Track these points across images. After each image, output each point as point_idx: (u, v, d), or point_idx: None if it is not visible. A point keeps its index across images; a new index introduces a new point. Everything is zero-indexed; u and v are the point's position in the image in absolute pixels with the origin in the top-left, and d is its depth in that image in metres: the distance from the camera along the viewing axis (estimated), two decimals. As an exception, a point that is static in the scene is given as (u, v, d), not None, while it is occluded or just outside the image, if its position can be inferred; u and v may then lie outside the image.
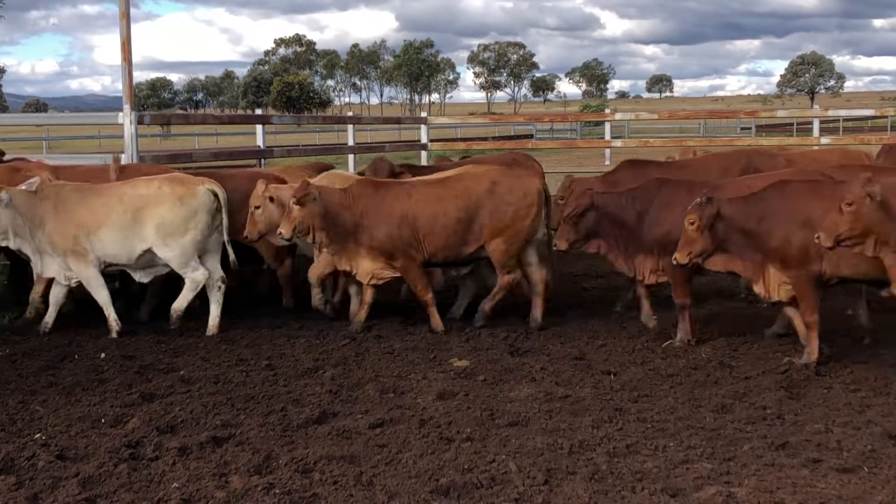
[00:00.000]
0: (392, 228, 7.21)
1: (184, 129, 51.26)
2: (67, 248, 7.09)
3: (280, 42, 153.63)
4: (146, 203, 7.12)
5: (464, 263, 7.68)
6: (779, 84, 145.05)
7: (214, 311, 7.37)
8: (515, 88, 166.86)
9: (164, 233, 7.12)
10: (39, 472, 4.37)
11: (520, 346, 6.87)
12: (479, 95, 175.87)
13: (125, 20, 9.63)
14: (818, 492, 4.10)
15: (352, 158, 14.65)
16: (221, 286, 7.41)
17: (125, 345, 6.91)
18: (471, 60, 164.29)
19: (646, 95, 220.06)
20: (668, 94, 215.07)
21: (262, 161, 12.47)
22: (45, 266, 7.25)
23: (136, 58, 10.19)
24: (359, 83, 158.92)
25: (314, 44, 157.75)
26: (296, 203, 7.03)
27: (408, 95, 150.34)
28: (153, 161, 10.75)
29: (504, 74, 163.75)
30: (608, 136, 17.43)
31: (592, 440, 4.78)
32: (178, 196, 7.15)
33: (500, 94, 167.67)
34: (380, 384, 5.89)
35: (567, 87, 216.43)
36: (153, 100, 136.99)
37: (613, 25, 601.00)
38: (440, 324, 7.34)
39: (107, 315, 7.25)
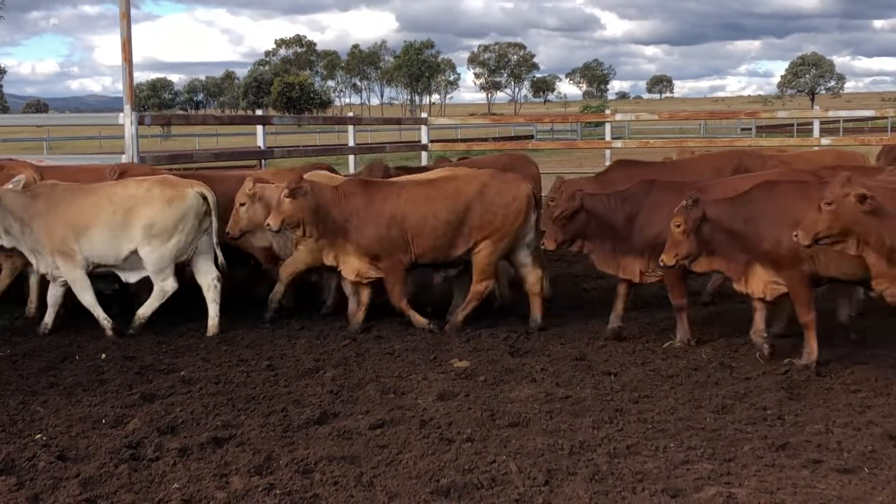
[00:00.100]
0: (380, 229, 7.22)
1: (184, 130, 51.31)
2: (55, 248, 7.09)
3: (281, 43, 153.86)
4: (135, 204, 7.11)
5: (453, 265, 7.69)
6: (779, 85, 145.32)
7: (213, 311, 7.38)
8: (516, 89, 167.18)
9: (150, 234, 7.11)
10: (40, 473, 4.37)
11: (520, 347, 6.87)
12: (480, 96, 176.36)
13: (126, 21, 9.62)
14: (818, 492, 4.11)
15: (352, 159, 14.66)
16: (217, 285, 7.41)
17: (126, 345, 6.91)
18: (471, 61, 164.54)
19: (646, 96, 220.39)
20: (669, 95, 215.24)
21: (263, 162, 12.47)
22: (40, 264, 7.26)
23: (137, 58, 10.22)
24: (359, 84, 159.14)
25: (315, 44, 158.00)
26: (287, 196, 7.04)
27: (408, 96, 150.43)
28: (153, 161, 10.75)
29: (504, 75, 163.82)
30: (608, 137, 17.39)
31: (593, 441, 4.78)
32: (168, 198, 7.14)
33: (501, 95, 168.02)
34: (380, 385, 5.89)
35: (567, 88, 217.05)
36: (154, 100, 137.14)
37: (614, 26, 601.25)
38: (423, 320, 7.33)
39: (96, 316, 7.24)
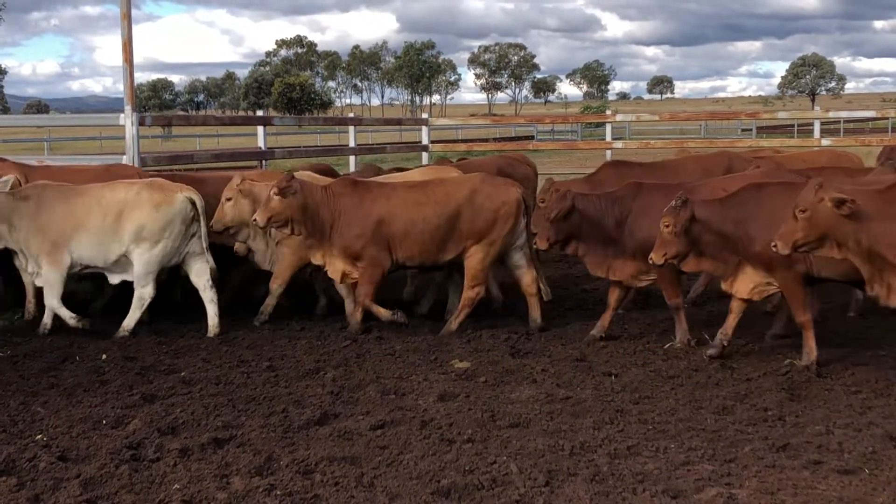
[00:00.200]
0: (364, 229, 7.21)
1: (185, 131, 51.34)
2: (42, 250, 7.07)
3: (281, 43, 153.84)
4: (124, 207, 7.10)
5: (440, 269, 7.68)
6: (780, 85, 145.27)
7: (212, 312, 7.36)
8: (516, 90, 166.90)
9: (139, 238, 7.10)
10: (41, 474, 4.37)
11: (521, 348, 6.87)
12: (480, 97, 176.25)
13: (126, 21, 9.61)
14: (819, 493, 4.10)
15: (353, 160, 14.64)
16: (212, 285, 7.39)
17: (126, 346, 6.91)
18: (472, 62, 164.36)
19: (647, 97, 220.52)
20: (669, 96, 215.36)
21: (264, 162, 12.47)
22: (29, 264, 7.23)
23: (138, 59, 10.20)
24: (360, 84, 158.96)
25: (315, 45, 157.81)
26: (277, 193, 7.04)
27: (409, 97, 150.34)
28: (154, 162, 10.74)
29: (505, 76, 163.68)
30: (609, 138, 17.34)
31: (593, 442, 4.78)
32: (156, 203, 7.13)
33: (501, 96, 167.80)
34: (381, 385, 5.89)
35: (568, 89, 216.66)
36: (154, 101, 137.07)
37: (614, 27, 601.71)
38: (387, 313, 7.28)
39: (62, 316, 7.21)
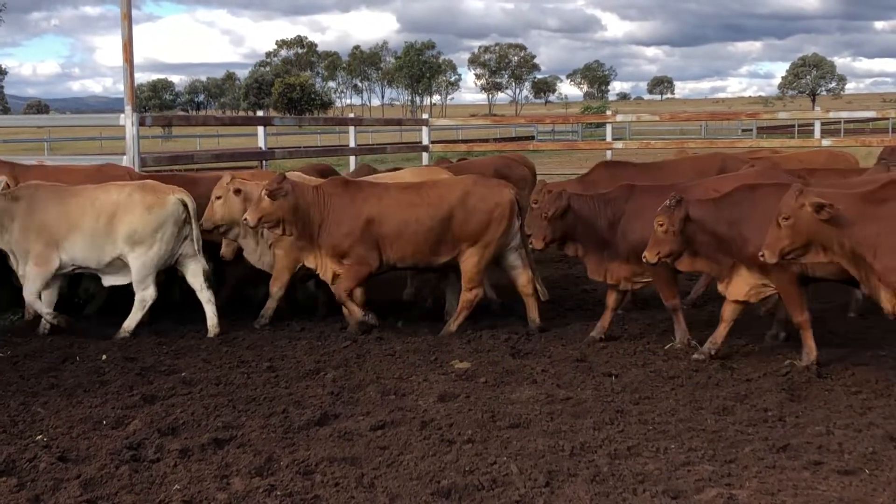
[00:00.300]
0: (353, 228, 7.20)
1: (185, 131, 51.35)
2: (33, 251, 7.05)
3: (281, 43, 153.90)
4: (117, 209, 7.09)
5: (435, 270, 7.67)
6: (780, 86, 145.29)
7: (210, 312, 7.34)
8: (517, 90, 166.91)
9: (133, 241, 7.08)
10: (41, 474, 4.37)
11: (521, 348, 6.87)
12: (481, 97, 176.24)
13: (127, 21, 9.62)
14: (819, 494, 4.10)
15: (353, 160, 14.65)
16: (208, 285, 7.37)
17: (127, 347, 6.90)
18: (472, 62, 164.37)
19: (647, 97, 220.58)
20: (670, 96, 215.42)
21: (264, 162, 12.48)
22: (20, 265, 7.21)
23: (138, 59, 10.20)
24: (360, 85, 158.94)
25: (315, 45, 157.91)
26: (267, 196, 7.04)
27: (409, 97, 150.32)
28: (154, 162, 10.74)
29: (505, 76, 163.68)
30: (609, 138, 17.36)
31: (594, 442, 4.78)
32: (147, 205, 7.11)
33: (502, 96, 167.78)
34: (381, 386, 5.89)
35: (568, 89, 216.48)
36: (155, 101, 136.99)
37: (615, 27, 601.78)
38: (359, 313, 7.29)
39: (38, 311, 7.22)
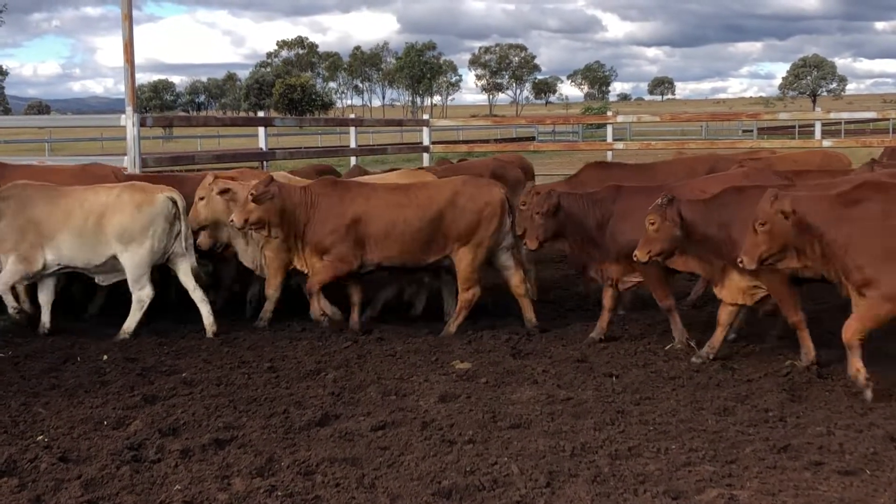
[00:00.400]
0: (339, 226, 7.21)
1: (186, 132, 51.40)
2: (19, 249, 7.04)
3: (282, 44, 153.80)
4: (106, 209, 7.08)
5: (425, 270, 7.67)
6: (781, 86, 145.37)
7: (205, 311, 7.33)
8: (517, 91, 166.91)
9: (123, 240, 7.08)
10: (42, 474, 4.37)
11: (521, 349, 6.87)
12: (481, 98, 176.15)
13: (127, 22, 9.63)
14: (820, 494, 4.11)
15: (354, 160, 14.66)
16: (200, 285, 7.36)
17: (127, 347, 6.91)
18: (472, 63, 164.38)
19: (648, 98, 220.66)
20: (670, 97, 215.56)
21: (265, 163, 12.49)
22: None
23: (139, 60, 10.24)
24: (361, 85, 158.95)
25: (316, 46, 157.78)
26: (253, 200, 7.05)
27: (410, 97, 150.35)
28: (155, 163, 10.75)
29: (506, 77, 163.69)
30: (610, 139, 17.37)
31: (594, 442, 4.78)
32: (137, 204, 7.11)
33: (502, 97, 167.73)
34: (382, 386, 5.89)
35: (569, 90, 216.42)
36: (155, 102, 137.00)
37: (615, 28, 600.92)
38: (318, 311, 7.34)
39: (6, 302, 7.20)
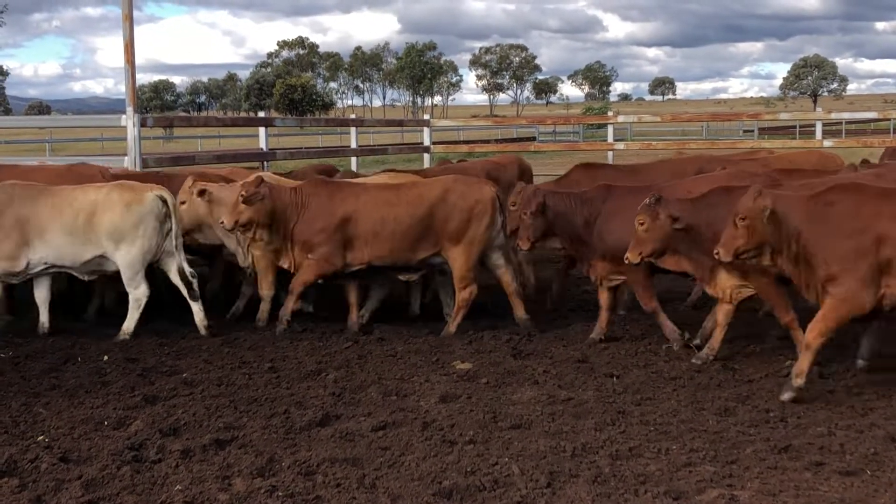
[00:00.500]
0: (328, 224, 7.20)
1: (186, 132, 51.40)
2: (2, 249, 7.00)
3: (283, 44, 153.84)
4: (96, 208, 7.07)
5: (415, 269, 7.64)
6: (781, 87, 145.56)
7: (196, 308, 7.31)
8: (518, 91, 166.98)
9: (115, 239, 7.07)
10: (42, 475, 4.37)
11: (522, 349, 6.87)
12: (482, 98, 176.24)
13: (128, 22, 9.64)
14: (821, 495, 4.10)
15: (354, 161, 14.68)
16: (193, 282, 7.34)
17: (128, 347, 6.91)
18: (473, 63, 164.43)
19: (648, 98, 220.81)
20: (671, 97, 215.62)
21: (265, 163, 12.49)
22: None
23: (139, 60, 10.24)
24: (361, 85, 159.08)
25: (317, 46, 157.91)
26: (244, 201, 7.04)
27: (410, 98, 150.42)
28: (156, 163, 10.75)
29: (506, 77, 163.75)
30: (611, 139, 17.32)
31: (595, 443, 4.78)
32: (126, 202, 7.10)
33: (503, 97, 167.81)
34: (382, 387, 5.89)
35: (569, 90, 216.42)
36: (156, 102, 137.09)
37: (616, 28, 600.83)
38: (288, 309, 7.36)
39: None
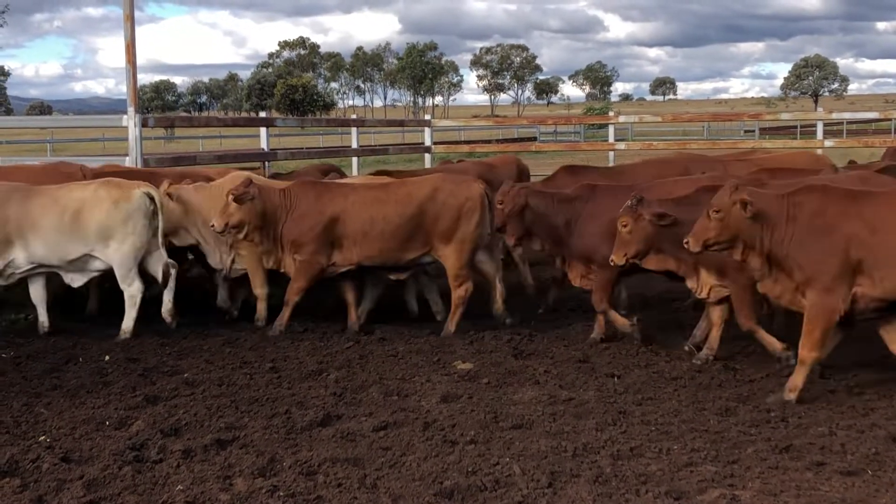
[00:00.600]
0: (317, 224, 7.22)
1: (188, 132, 51.39)
2: None
3: (284, 45, 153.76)
4: (83, 206, 7.06)
5: (404, 269, 7.65)
6: (782, 87, 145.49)
7: (167, 298, 7.35)
8: (519, 91, 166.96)
9: (104, 237, 7.07)
10: (44, 475, 4.38)
11: (523, 349, 6.87)
12: (483, 98, 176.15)
13: (129, 23, 9.64)
14: (822, 495, 4.11)
15: (355, 161, 14.67)
16: (171, 273, 7.34)
17: (129, 347, 6.91)
18: (474, 63, 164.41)
19: (649, 98, 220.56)
20: (672, 97, 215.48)
21: (266, 163, 12.48)
22: None
23: (140, 60, 10.22)
24: (362, 86, 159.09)
25: (318, 46, 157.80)
26: (234, 201, 7.05)
27: (411, 98, 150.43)
28: (157, 163, 10.75)
29: (507, 77, 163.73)
30: (612, 139, 17.30)
31: (596, 443, 4.78)
32: (114, 200, 7.10)
33: (504, 97, 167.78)
34: (384, 387, 5.89)
35: (570, 90, 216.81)
36: (157, 102, 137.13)
37: (617, 28, 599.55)
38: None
39: None
